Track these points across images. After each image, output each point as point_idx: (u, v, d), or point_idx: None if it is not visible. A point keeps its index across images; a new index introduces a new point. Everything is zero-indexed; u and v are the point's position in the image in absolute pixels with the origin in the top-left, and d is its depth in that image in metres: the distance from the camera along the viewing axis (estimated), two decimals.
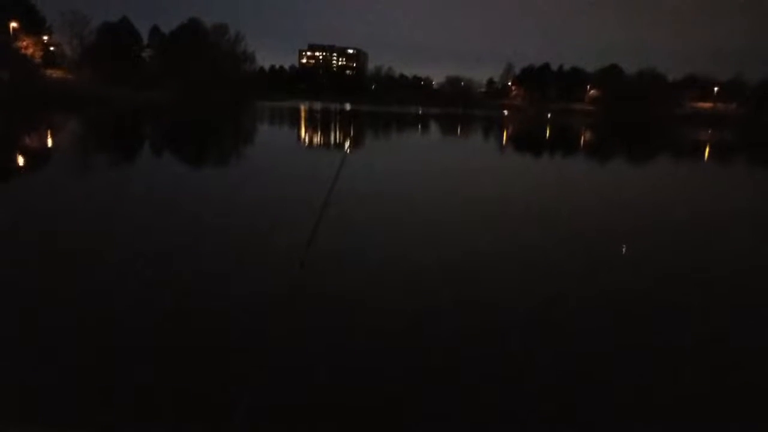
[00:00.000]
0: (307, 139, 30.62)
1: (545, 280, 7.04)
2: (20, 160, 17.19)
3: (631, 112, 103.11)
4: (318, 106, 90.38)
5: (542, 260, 7.99)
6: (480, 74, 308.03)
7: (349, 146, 25.41)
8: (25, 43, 66.57)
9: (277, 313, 5.41)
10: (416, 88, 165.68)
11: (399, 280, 6.84)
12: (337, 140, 29.98)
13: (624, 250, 8.72)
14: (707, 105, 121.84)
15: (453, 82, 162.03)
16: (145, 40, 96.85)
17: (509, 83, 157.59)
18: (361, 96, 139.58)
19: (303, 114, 61.69)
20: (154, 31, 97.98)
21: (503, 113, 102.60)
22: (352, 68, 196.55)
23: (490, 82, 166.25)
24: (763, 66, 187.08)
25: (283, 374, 4.29)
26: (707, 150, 37.82)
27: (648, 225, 10.92)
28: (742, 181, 21.35)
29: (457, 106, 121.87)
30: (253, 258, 7.46)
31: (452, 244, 8.66)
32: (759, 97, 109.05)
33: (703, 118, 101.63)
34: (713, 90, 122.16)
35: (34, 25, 72.80)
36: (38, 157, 18.05)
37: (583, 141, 42.58)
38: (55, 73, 68.25)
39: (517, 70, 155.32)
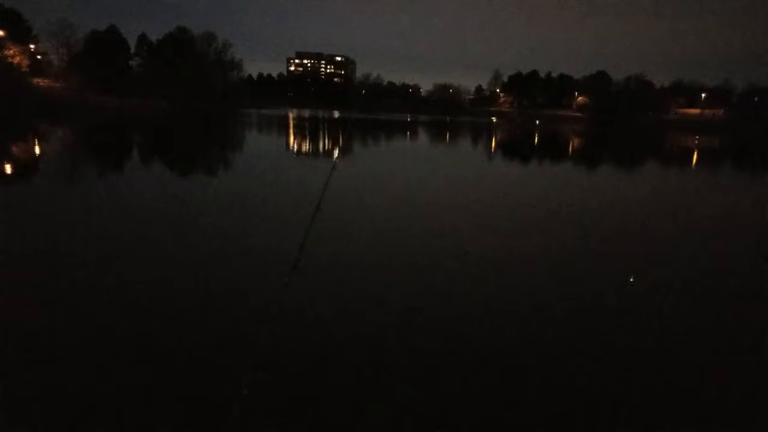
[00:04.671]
0: (297, 147, 30.60)
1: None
2: None
3: (619, 119, 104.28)
4: (306, 114, 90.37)
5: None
6: (468, 81, 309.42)
7: (339, 155, 25.47)
8: (11, 52, 66.16)
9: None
10: (404, 96, 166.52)
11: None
12: (327, 148, 30.11)
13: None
14: (694, 111, 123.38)
15: (441, 89, 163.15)
16: (132, 48, 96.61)
17: (497, 90, 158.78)
18: (350, 104, 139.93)
19: (291, 122, 61.67)
20: (142, 39, 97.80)
21: (491, 120, 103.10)
22: (340, 76, 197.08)
23: (479, 89, 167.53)
24: (750, 72, 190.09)
25: None
26: (692, 159, 38.19)
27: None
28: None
29: (445, 113, 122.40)
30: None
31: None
32: (745, 103, 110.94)
33: (691, 124, 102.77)
34: (701, 96, 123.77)
35: (20, 33, 72.43)
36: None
37: (569, 150, 42.95)
38: (42, 82, 67.76)
39: (505, 78, 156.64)
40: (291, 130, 47.50)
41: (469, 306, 6.40)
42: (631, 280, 7.57)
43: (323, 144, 33.62)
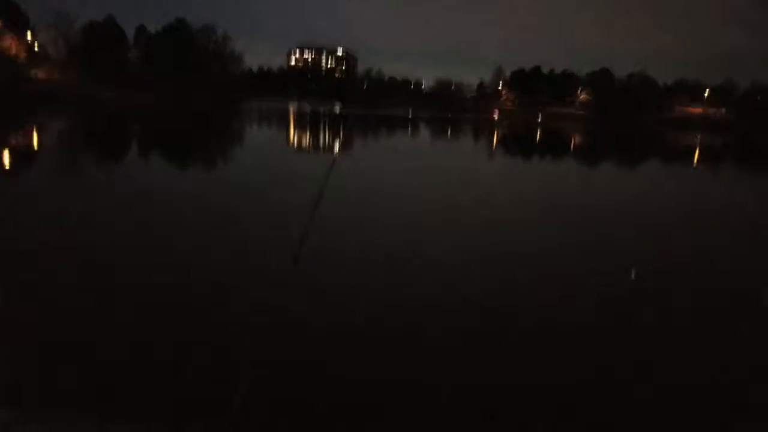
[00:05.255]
0: (296, 142, 30.30)
1: None
2: None
3: (621, 117, 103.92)
4: (307, 108, 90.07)
5: None
6: (470, 77, 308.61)
7: (339, 151, 25.20)
8: (8, 43, 65.59)
9: None
10: (406, 91, 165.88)
11: None
12: (326, 143, 29.91)
13: None
14: (697, 109, 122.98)
15: (443, 85, 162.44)
16: (131, 40, 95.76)
17: (500, 87, 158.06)
18: (351, 98, 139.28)
19: (291, 117, 61.52)
20: (140, 30, 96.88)
21: (493, 117, 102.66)
22: (341, 70, 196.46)
23: (481, 85, 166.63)
24: (753, 71, 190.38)
25: None
26: (693, 156, 37.90)
27: None
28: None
29: (447, 109, 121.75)
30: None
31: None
32: (748, 102, 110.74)
33: (694, 122, 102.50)
34: (704, 94, 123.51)
35: (17, 24, 71.77)
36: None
37: (570, 148, 42.73)
38: (39, 74, 67.25)
39: (507, 74, 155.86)
40: (291, 125, 47.15)
41: (470, 303, 6.35)
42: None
43: (323, 139, 33.30)
